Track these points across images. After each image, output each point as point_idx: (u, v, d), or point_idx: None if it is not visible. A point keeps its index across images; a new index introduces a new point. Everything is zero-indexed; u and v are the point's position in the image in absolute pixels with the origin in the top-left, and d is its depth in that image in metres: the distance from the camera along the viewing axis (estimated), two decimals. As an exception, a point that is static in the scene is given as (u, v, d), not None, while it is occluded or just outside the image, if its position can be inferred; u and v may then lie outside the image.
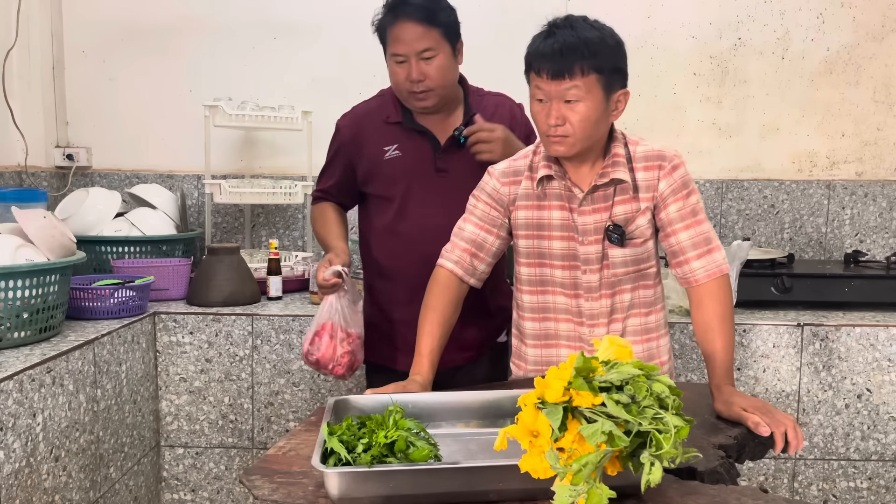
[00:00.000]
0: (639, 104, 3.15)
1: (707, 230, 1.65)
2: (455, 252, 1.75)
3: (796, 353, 2.47)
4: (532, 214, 1.69)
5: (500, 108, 2.06)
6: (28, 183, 2.94)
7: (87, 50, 3.14)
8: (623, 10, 3.07)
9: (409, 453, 1.20)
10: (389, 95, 2.05)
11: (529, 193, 1.69)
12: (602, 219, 1.65)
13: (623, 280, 1.69)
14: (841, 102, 3.14)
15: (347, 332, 1.93)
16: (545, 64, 1.53)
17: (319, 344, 1.91)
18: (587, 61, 1.52)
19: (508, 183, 1.71)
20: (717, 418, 1.52)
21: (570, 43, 1.52)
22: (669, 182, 1.63)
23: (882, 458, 2.51)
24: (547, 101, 1.56)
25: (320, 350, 1.90)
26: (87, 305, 2.27)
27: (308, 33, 3.14)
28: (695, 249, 1.63)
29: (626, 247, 1.66)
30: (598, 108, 1.55)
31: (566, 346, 1.73)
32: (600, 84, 1.54)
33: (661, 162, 1.64)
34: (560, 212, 1.67)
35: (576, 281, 1.69)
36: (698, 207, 1.65)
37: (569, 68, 1.51)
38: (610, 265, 1.67)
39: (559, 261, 1.69)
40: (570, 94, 1.53)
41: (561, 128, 1.55)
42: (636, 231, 1.66)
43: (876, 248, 3.15)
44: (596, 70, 1.53)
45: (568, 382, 1.07)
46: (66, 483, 1.92)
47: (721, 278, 1.63)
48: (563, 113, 1.54)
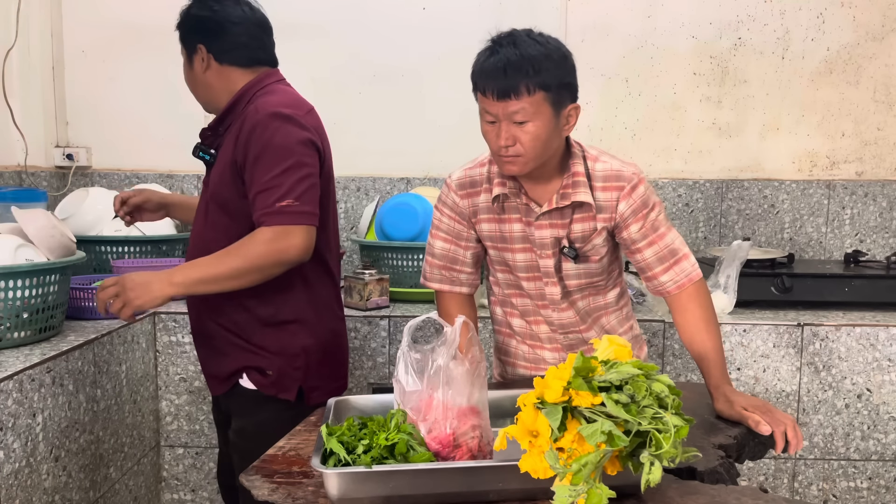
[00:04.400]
0: (639, 104, 3.16)
1: (670, 241, 1.63)
2: (434, 270, 1.78)
3: (796, 353, 2.47)
4: (494, 227, 1.69)
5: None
6: (28, 183, 2.94)
7: (87, 50, 3.14)
8: (623, 10, 3.07)
9: (410, 457, 1.19)
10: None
11: (489, 206, 1.67)
12: (559, 234, 1.64)
13: (575, 291, 1.72)
14: (841, 102, 3.14)
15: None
16: (489, 83, 1.49)
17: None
18: (531, 79, 1.46)
19: (466, 195, 1.69)
20: (716, 418, 1.52)
21: (513, 61, 1.46)
22: (629, 203, 1.60)
23: (882, 458, 2.51)
24: (496, 122, 1.52)
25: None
26: (87, 305, 2.27)
27: (308, 33, 3.14)
28: (661, 264, 1.63)
29: (581, 263, 1.67)
30: (547, 125, 1.50)
31: (549, 349, 1.79)
32: (548, 101, 1.49)
33: (620, 183, 1.60)
34: (519, 224, 1.67)
35: (541, 292, 1.72)
36: (658, 221, 1.62)
37: (514, 87, 1.46)
38: (564, 277, 1.69)
39: (523, 272, 1.71)
40: (517, 115, 1.48)
41: (512, 148, 1.51)
42: (591, 250, 1.66)
43: (876, 248, 3.15)
44: (542, 87, 1.47)
45: (567, 382, 1.07)
46: (66, 483, 1.92)
47: (695, 285, 1.63)
48: (512, 133, 1.50)
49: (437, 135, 3.17)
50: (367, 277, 2.54)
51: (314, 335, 1.83)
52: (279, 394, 1.80)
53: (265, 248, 1.67)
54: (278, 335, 1.80)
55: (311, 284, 1.84)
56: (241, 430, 1.85)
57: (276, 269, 1.70)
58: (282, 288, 1.78)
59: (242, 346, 1.81)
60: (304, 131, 1.74)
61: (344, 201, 3.20)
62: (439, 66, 3.14)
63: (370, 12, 3.15)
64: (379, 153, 3.18)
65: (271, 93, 1.80)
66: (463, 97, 3.23)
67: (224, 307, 1.80)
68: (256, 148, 1.70)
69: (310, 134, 1.76)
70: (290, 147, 1.70)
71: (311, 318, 1.83)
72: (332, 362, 1.90)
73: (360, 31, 3.16)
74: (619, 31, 3.10)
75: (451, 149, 3.17)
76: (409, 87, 3.16)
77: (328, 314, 1.89)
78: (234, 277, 1.68)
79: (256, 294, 1.76)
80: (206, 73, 1.83)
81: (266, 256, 1.67)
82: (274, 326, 1.80)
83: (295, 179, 1.68)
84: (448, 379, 1.23)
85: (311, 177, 1.72)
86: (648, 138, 3.17)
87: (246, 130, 1.72)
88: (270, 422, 1.74)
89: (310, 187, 1.71)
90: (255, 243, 1.68)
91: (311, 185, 1.72)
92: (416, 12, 3.14)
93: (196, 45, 1.82)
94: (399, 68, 3.16)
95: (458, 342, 1.25)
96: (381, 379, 2.51)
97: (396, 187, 3.18)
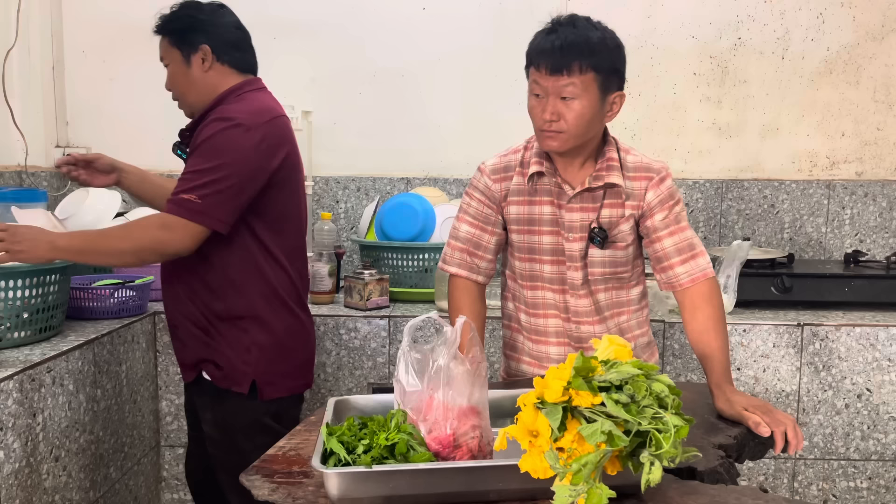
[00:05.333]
0: (639, 104, 3.16)
1: (690, 236, 1.69)
2: (455, 254, 1.81)
3: (796, 353, 2.47)
4: (523, 210, 1.73)
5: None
6: (28, 183, 2.94)
7: (87, 50, 3.14)
8: (623, 10, 3.07)
9: (410, 457, 1.19)
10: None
11: (521, 189, 1.73)
12: (588, 218, 1.69)
13: (599, 280, 1.73)
14: (841, 102, 3.14)
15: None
16: (544, 59, 1.56)
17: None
18: (586, 59, 1.54)
19: (499, 180, 1.75)
20: (717, 418, 1.52)
21: (571, 40, 1.54)
22: (657, 193, 1.68)
23: (882, 458, 2.51)
24: (544, 97, 1.58)
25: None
26: (87, 305, 2.27)
27: (308, 33, 3.14)
28: (679, 255, 1.68)
29: (607, 249, 1.70)
30: (593, 106, 1.57)
31: (555, 344, 1.79)
32: (597, 83, 1.56)
33: (649, 173, 1.68)
34: (550, 207, 1.71)
35: (562, 277, 1.74)
36: (682, 216, 1.70)
37: (567, 65, 1.54)
38: (589, 264, 1.72)
39: (548, 256, 1.74)
40: (566, 90, 1.55)
41: (555, 123, 1.58)
42: (619, 235, 1.70)
43: (876, 248, 3.15)
44: (594, 69, 1.55)
45: (567, 382, 1.07)
46: (66, 483, 1.92)
47: (709, 281, 1.67)
48: (558, 109, 1.57)
49: (437, 135, 3.17)
50: (367, 277, 2.54)
51: (268, 331, 1.88)
52: (231, 387, 1.88)
53: (149, 233, 1.78)
54: (231, 330, 1.87)
55: (268, 281, 1.88)
56: (213, 423, 1.95)
57: (152, 258, 1.81)
58: (235, 283, 1.85)
59: (200, 337, 1.90)
60: (251, 139, 1.79)
61: (344, 201, 3.20)
62: (439, 66, 3.14)
63: (370, 12, 3.15)
64: (379, 153, 3.19)
65: (241, 100, 1.87)
66: (463, 97, 3.25)
67: (184, 299, 1.89)
68: (197, 142, 1.81)
69: (259, 141, 1.80)
70: (222, 150, 1.77)
71: (266, 315, 1.88)
72: (290, 359, 1.94)
73: (360, 31, 3.16)
74: (619, 31, 3.06)
75: (451, 149, 3.18)
76: (409, 87, 3.16)
77: (285, 311, 1.92)
78: (111, 255, 1.81)
79: (211, 289, 1.86)
80: (207, 73, 1.89)
81: (147, 241, 1.77)
82: (228, 321, 1.87)
83: (208, 180, 1.75)
84: (448, 379, 1.23)
85: (229, 188, 1.76)
86: (648, 138, 3.17)
87: (201, 136, 1.81)
88: (234, 414, 1.89)
89: (218, 193, 1.75)
90: (142, 227, 1.81)
91: (222, 191, 1.76)
92: (417, 12, 3.14)
93: (199, 44, 1.88)
94: (399, 68, 3.16)
95: (458, 342, 1.25)
96: (381, 379, 2.51)
97: (396, 187, 3.18)
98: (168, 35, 1.91)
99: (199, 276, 1.86)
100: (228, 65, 1.91)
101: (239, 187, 1.78)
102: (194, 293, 1.87)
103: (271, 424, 1.89)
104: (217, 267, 1.85)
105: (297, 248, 1.99)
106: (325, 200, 3.20)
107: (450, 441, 1.21)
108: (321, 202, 3.20)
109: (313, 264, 2.66)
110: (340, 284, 2.75)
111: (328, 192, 3.20)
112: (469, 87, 3.14)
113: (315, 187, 3.16)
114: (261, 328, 1.88)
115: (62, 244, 1.77)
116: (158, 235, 1.76)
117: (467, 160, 3.01)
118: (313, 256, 2.93)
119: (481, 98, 3.10)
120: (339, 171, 3.20)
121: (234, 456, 1.81)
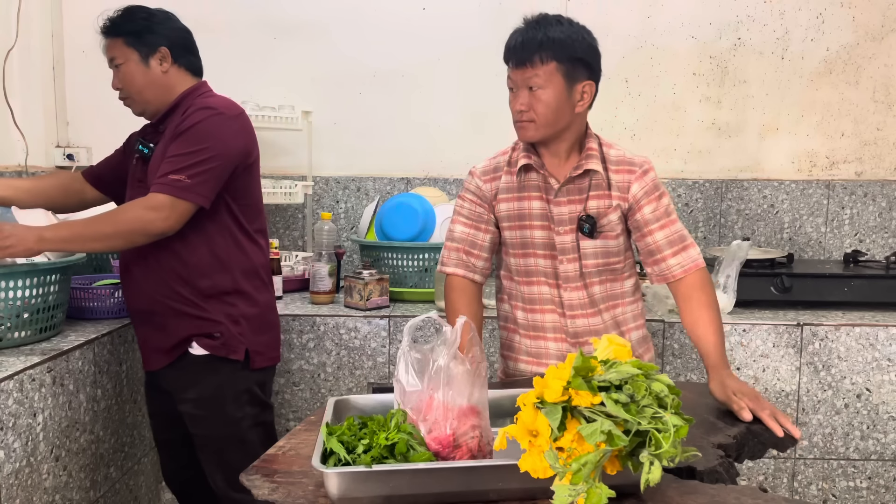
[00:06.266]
0: (639, 104, 3.16)
1: (680, 228, 1.76)
2: (452, 255, 1.85)
3: (796, 353, 2.48)
4: (513, 206, 1.79)
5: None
6: (28, 183, 2.94)
7: (87, 50, 3.13)
8: (623, 10, 3.07)
9: (410, 457, 1.19)
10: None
11: (510, 186, 1.79)
12: (576, 210, 1.74)
13: (593, 273, 1.77)
14: (840, 102, 3.14)
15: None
16: (512, 55, 1.68)
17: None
18: (546, 51, 1.64)
19: (489, 180, 1.82)
20: (716, 417, 1.53)
21: (532, 35, 1.65)
22: (641, 185, 1.73)
23: (881, 458, 2.51)
24: (516, 90, 1.69)
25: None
26: (87, 305, 2.27)
27: (308, 33, 3.14)
28: (671, 247, 1.73)
29: (597, 238, 1.74)
30: (559, 95, 1.66)
31: (553, 340, 1.82)
32: (560, 72, 1.65)
33: (632, 167, 1.75)
34: (539, 202, 1.77)
35: (556, 270, 1.78)
36: (671, 208, 1.76)
37: (529, 58, 1.64)
38: (582, 256, 1.76)
39: (541, 250, 1.78)
40: (532, 81, 1.65)
41: (526, 113, 1.68)
42: (607, 225, 1.75)
43: (875, 248, 3.15)
44: (555, 59, 1.64)
45: (567, 382, 1.07)
46: (66, 483, 1.92)
47: (700, 271, 1.73)
48: (528, 100, 1.67)
49: (437, 135, 3.18)
50: (367, 277, 2.54)
51: (253, 304, 2.01)
52: (229, 354, 1.96)
53: (135, 214, 1.84)
54: (219, 305, 1.96)
55: (249, 258, 2.01)
56: (199, 400, 1.99)
57: (140, 239, 1.86)
58: (221, 260, 1.96)
59: (190, 313, 1.95)
60: (232, 126, 1.94)
61: (344, 201, 3.20)
62: (439, 67, 3.14)
63: (370, 13, 3.15)
64: (379, 153, 3.19)
65: (210, 96, 2.02)
66: (463, 97, 3.25)
67: (167, 282, 1.95)
68: (182, 128, 1.90)
69: (239, 129, 1.96)
70: (208, 135, 1.89)
71: (249, 290, 2.00)
72: (271, 331, 2.07)
73: (360, 32, 3.16)
74: (619, 31, 3.10)
75: (451, 149, 3.18)
76: (409, 87, 3.17)
77: (263, 287, 2.06)
78: (98, 240, 1.86)
79: (195, 267, 1.94)
80: (166, 73, 2.00)
81: (134, 223, 1.83)
82: (214, 297, 1.96)
83: (196, 161, 1.85)
84: (448, 379, 1.23)
85: (214, 168, 1.88)
86: (648, 138, 3.17)
87: (185, 124, 1.91)
88: (225, 384, 1.97)
89: (205, 172, 1.86)
90: (128, 210, 1.87)
91: (209, 170, 1.87)
92: (416, 13, 3.14)
93: (158, 46, 1.98)
94: (399, 68, 3.16)
95: (458, 342, 1.25)
96: (381, 379, 2.51)
97: (396, 187, 3.19)
98: (124, 36, 1.98)
99: (180, 258, 1.94)
100: (184, 67, 2.02)
101: (222, 168, 1.90)
102: (177, 275, 1.94)
103: (258, 393, 2.03)
104: (201, 247, 1.94)
105: (265, 230, 2.13)
106: (325, 200, 3.20)
107: (450, 441, 1.21)
108: (321, 202, 3.20)
109: (313, 264, 2.67)
110: (340, 284, 2.75)
111: (328, 192, 3.20)
112: (469, 87, 3.14)
113: (315, 187, 3.16)
114: (246, 301, 1.99)
115: (49, 235, 1.83)
116: (144, 216, 1.83)
117: (467, 160, 2.98)
118: (313, 256, 2.93)
119: (481, 98, 3.10)
120: (339, 171, 3.21)
121: (220, 428, 1.98)
